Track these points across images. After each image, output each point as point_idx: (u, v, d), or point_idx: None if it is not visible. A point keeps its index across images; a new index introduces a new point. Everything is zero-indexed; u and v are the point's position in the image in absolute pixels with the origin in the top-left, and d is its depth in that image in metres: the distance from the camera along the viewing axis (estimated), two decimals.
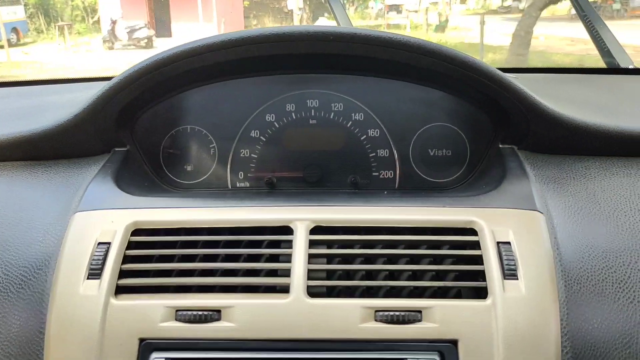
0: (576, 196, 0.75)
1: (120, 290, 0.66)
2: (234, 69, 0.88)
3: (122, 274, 0.67)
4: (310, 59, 0.88)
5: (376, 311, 0.63)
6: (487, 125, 0.89)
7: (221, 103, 0.93)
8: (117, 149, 0.89)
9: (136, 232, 0.70)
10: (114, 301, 0.65)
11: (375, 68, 0.88)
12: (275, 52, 0.82)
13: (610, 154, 0.82)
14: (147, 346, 0.63)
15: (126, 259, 0.68)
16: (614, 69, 1.32)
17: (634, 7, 14.16)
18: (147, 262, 0.68)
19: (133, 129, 0.91)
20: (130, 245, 0.69)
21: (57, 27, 15.12)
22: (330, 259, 0.68)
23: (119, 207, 0.73)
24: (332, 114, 0.93)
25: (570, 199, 0.74)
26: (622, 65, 1.29)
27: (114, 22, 13.91)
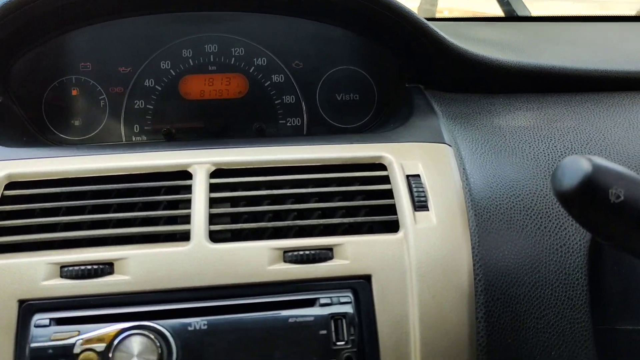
0: (483, 130, 0.74)
1: None
2: (119, 4, 0.80)
3: None
4: None
5: (285, 252, 0.59)
6: (393, 65, 0.87)
7: (109, 48, 0.85)
8: None
9: (11, 185, 0.62)
10: None
11: (276, 4, 0.83)
12: None
13: (514, 91, 0.83)
14: (28, 308, 0.55)
15: (1, 216, 0.60)
16: (514, 17, 1.35)
17: None
18: (27, 217, 0.60)
19: (7, 78, 0.81)
20: (5, 200, 0.61)
21: None
22: (234, 202, 0.63)
23: None
24: (233, 59, 0.87)
25: (477, 132, 0.73)
26: (519, 13, 1.34)
27: None
